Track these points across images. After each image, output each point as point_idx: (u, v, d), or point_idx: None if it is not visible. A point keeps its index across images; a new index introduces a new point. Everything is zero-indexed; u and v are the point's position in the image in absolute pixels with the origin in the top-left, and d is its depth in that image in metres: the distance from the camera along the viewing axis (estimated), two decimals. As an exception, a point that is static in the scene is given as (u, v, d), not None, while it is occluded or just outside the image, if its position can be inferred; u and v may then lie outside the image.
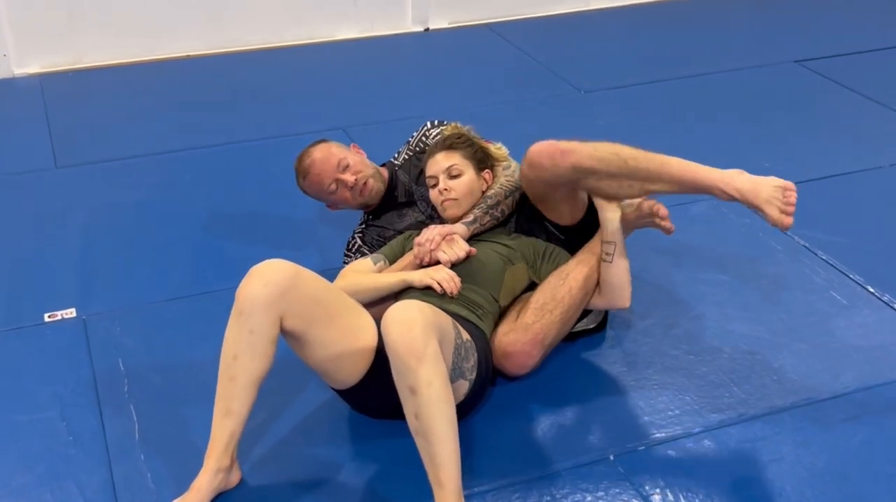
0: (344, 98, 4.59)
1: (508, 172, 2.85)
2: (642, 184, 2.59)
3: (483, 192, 2.82)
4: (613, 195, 2.62)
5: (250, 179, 3.82)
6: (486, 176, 2.83)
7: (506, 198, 2.80)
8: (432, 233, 2.68)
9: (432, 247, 2.65)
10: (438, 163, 2.79)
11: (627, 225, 2.70)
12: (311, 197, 3.06)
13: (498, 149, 2.90)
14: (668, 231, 2.68)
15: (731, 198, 2.52)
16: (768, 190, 2.49)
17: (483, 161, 2.83)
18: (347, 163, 2.96)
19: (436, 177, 2.79)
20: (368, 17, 5.35)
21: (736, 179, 2.52)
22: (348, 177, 2.95)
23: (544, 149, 2.56)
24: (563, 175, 2.57)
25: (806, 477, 2.33)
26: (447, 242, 2.67)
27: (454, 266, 2.65)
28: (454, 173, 2.76)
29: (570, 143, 2.56)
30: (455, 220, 2.79)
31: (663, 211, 2.64)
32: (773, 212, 2.48)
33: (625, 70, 4.85)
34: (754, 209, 2.50)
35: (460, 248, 2.65)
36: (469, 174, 2.78)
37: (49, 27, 4.82)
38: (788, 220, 2.48)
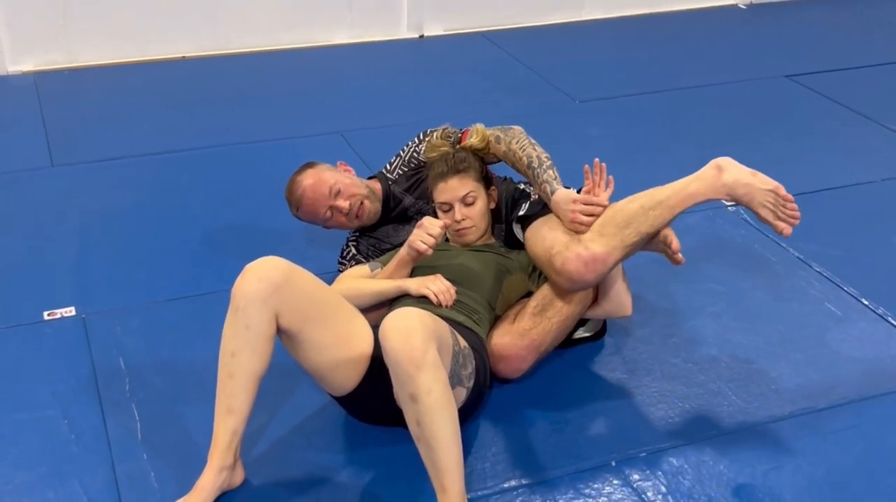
0: (339, 102, 4.60)
1: (513, 136, 2.80)
2: (657, 236, 2.63)
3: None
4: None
5: (247, 181, 3.82)
6: (493, 193, 2.84)
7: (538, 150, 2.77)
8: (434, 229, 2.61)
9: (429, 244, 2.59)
10: (454, 191, 2.74)
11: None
12: (307, 223, 3.02)
13: (477, 132, 2.85)
14: (677, 263, 2.68)
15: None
16: (761, 194, 2.56)
17: (488, 178, 2.84)
18: (339, 188, 2.87)
19: (450, 204, 2.76)
20: (363, 22, 5.36)
21: (722, 179, 2.57)
22: (342, 204, 2.88)
23: (572, 269, 2.53)
24: (593, 282, 2.57)
25: (805, 487, 2.35)
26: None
27: (451, 273, 2.66)
28: (469, 201, 2.75)
29: (596, 250, 2.52)
30: (468, 245, 2.78)
31: (675, 244, 2.64)
32: (767, 215, 2.56)
33: (619, 81, 4.88)
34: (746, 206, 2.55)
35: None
36: (482, 197, 2.78)
37: (43, 25, 4.80)
38: (788, 230, 2.53)
